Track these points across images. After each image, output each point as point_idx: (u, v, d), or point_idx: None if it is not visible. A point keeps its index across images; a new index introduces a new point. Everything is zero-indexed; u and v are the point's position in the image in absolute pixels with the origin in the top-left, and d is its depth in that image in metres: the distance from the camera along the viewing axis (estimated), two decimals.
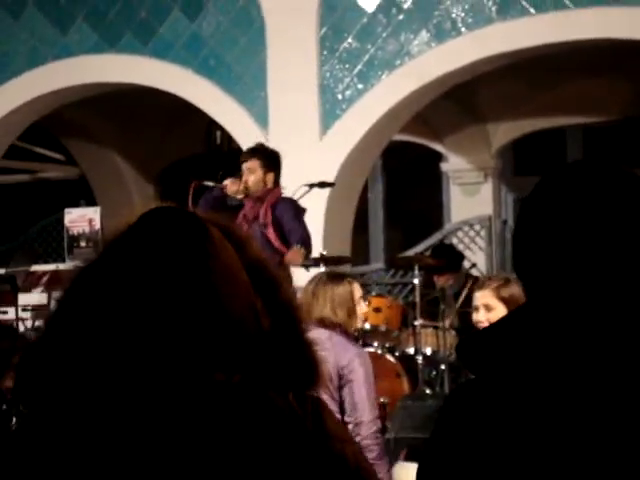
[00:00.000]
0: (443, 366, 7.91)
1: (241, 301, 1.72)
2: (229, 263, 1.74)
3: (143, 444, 1.63)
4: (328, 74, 9.43)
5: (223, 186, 7.49)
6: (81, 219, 8.73)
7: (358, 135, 9.31)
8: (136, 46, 10.09)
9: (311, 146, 9.35)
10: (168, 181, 13.64)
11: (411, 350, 8.06)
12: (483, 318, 4.67)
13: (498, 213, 12.42)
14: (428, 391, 7.83)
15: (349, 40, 9.35)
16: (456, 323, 8.35)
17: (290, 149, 9.27)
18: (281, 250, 7.29)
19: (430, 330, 8.23)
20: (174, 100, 10.13)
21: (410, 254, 10.42)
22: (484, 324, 4.59)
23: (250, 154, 7.59)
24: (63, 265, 8.76)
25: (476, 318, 4.74)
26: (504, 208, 12.79)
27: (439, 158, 12.85)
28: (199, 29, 9.86)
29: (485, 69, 9.38)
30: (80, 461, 1.64)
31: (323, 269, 7.13)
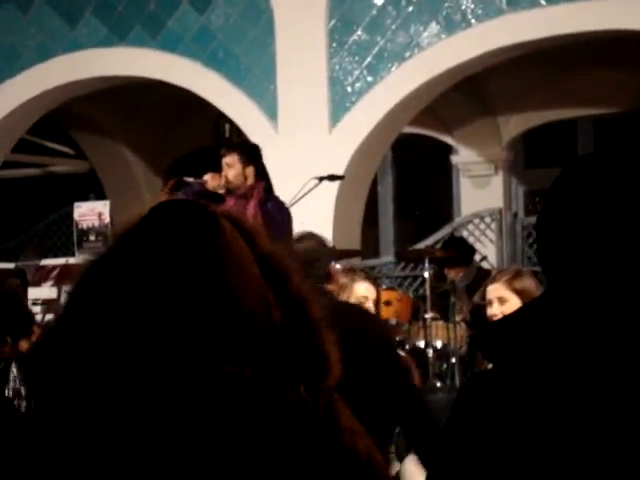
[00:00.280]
0: (454, 359, 7.90)
1: (252, 293, 1.72)
2: (240, 255, 1.74)
3: (154, 436, 1.63)
4: (337, 66, 9.40)
5: (203, 181, 7.45)
6: (91, 213, 8.72)
7: (368, 128, 9.28)
8: (145, 39, 10.08)
9: (320, 139, 9.32)
10: (177, 174, 13.62)
11: (421, 343, 8.07)
12: (497, 311, 4.66)
13: (509, 206, 12.38)
14: (439, 384, 7.82)
15: (358, 32, 9.32)
16: (467, 316, 8.33)
17: (299, 142, 9.27)
18: None
19: (440, 323, 8.22)
20: (183, 93, 10.12)
21: (420, 247, 10.38)
22: (498, 317, 4.57)
23: (228, 149, 7.54)
24: (73, 259, 8.75)
25: (490, 312, 4.72)
26: (515, 201, 12.77)
27: (449, 150, 12.82)
28: (208, 22, 9.84)
29: (495, 61, 9.34)
30: (92, 451, 1.64)
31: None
